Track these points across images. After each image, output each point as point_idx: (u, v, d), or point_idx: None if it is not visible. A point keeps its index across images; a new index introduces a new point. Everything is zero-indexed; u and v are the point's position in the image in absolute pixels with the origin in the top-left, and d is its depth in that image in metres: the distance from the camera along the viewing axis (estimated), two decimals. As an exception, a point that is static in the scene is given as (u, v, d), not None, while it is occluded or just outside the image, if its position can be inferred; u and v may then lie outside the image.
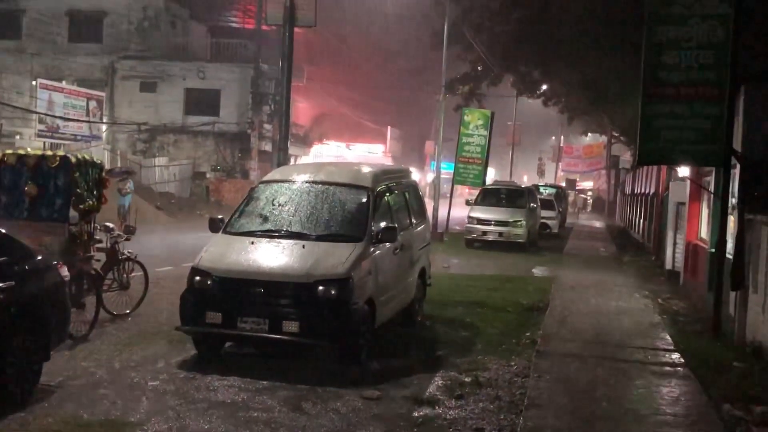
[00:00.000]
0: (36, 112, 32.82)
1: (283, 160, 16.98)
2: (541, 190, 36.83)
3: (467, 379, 8.71)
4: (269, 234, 9.57)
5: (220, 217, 10.36)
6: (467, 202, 27.63)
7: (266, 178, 11.21)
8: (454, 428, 7.14)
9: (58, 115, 33.31)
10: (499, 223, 25.09)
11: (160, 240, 21.07)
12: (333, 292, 8.62)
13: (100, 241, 11.20)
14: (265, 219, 9.91)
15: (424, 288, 12.11)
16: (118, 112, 40.72)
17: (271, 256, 9.12)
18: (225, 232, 9.90)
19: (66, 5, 41.47)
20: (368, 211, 9.84)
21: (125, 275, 11.86)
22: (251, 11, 42.50)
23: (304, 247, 9.16)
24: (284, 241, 9.34)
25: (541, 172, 74.34)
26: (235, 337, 9.10)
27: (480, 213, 25.61)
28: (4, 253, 7.21)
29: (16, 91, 36.37)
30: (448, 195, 30.31)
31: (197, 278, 9.06)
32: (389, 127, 64.02)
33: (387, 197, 10.69)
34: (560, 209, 35.49)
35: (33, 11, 41.38)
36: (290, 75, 17.04)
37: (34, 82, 34.86)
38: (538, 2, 22.83)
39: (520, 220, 25.11)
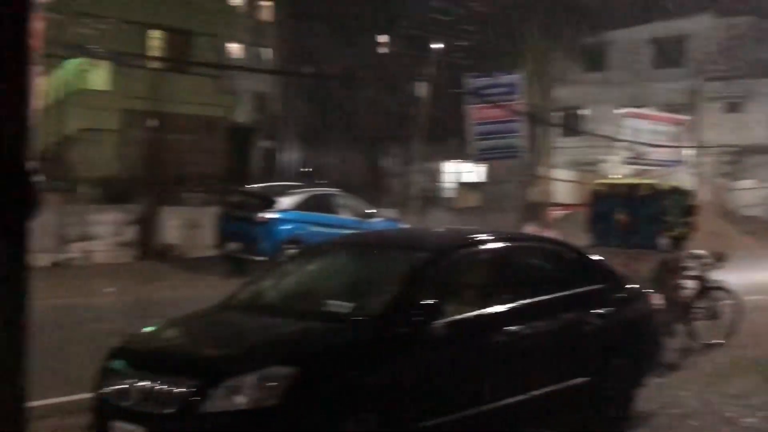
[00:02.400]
0: (621, 140, 34.08)
1: None
2: None
3: None
4: None
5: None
6: None
7: None
8: None
9: (643, 141, 34.14)
10: None
11: (748, 266, 20.17)
12: None
13: (689, 269, 11.15)
14: None
15: None
16: (701, 136, 40.20)
17: None
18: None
19: (649, 33, 42.41)
20: None
21: (715, 304, 11.62)
22: None
23: None
24: None
25: None
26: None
27: None
28: (602, 280, 7.61)
29: (602, 120, 38.15)
30: None
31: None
32: None
33: None
34: None
35: (618, 43, 43.11)
36: None
37: (618, 111, 36.24)
38: None
39: None
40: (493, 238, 7.25)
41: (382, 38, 44.09)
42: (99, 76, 27.11)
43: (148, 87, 22.77)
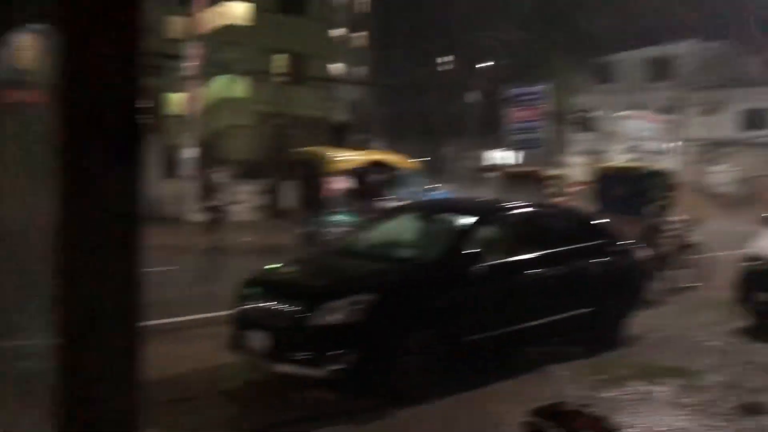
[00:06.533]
0: (623, 135, 33.12)
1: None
2: None
3: None
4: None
5: (769, 214, 9.23)
6: None
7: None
8: None
9: (639, 136, 33.16)
10: None
11: (716, 230, 19.39)
12: None
13: (670, 230, 10.81)
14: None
15: None
16: (683, 132, 38.78)
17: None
18: (776, 226, 8.77)
19: (645, 54, 41.03)
20: None
21: (688, 257, 11.27)
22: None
23: None
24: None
25: None
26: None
27: None
28: (603, 237, 7.50)
29: (608, 120, 37.17)
30: None
31: (749, 263, 8.22)
32: None
33: None
34: None
35: (623, 62, 41.87)
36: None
37: (622, 113, 35.21)
38: None
39: None
40: (521, 206, 7.20)
41: (446, 58, 43.71)
42: (240, 88, 27.54)
43: (274, 95, 23.00)
